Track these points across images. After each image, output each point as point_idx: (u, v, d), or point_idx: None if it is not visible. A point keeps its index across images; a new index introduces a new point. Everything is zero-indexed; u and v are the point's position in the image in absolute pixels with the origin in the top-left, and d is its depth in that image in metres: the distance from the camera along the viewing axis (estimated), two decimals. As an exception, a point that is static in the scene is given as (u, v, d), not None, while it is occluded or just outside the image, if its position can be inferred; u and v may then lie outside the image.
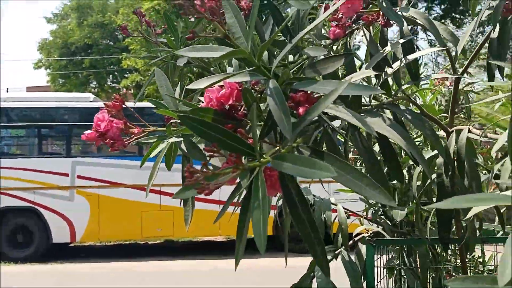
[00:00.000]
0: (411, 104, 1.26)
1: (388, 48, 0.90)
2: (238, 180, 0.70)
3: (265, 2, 0.91)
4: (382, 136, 0.85)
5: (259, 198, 0.61)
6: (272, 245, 6.69)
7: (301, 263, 1.69)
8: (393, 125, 0.89)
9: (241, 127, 0.80)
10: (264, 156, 0.67)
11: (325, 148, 0.87)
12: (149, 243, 9.82)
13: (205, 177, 0.57)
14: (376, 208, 1.97)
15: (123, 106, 0.83)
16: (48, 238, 8.33)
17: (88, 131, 0.79)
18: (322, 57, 0.84)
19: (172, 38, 1.09)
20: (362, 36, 0.95)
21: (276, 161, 0.64)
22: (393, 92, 1.13)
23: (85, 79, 18.53)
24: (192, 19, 1.16)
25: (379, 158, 1.06)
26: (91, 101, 8.39)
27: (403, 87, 1.10)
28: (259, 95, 0.84)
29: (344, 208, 1.89)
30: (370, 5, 1.00)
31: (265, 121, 0.75)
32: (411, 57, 0.96)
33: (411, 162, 1.80)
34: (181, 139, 0.82)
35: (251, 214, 0.62)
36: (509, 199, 0.54)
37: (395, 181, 1.90)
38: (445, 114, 1.77)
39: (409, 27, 1.06)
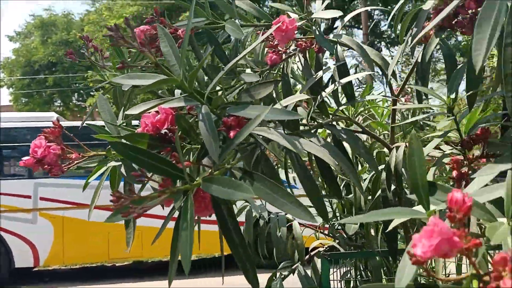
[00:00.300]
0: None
1: (320, 73, 0.96)
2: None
3: (203, 30, 0.95)
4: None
5: (187, 219, 0.64)
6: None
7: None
8: (326, 145, 0.95)
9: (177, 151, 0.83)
10: (196, 179, 0.71)
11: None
12: (116, 265, 9.56)
13: (132, 201, 0.60)
14: (332, 222, 2.02)
15: (62, 131, 0.85)
16: (10, 263, 7.98)
17: (26, 157, 0.80)
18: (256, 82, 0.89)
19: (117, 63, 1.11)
20: (298, 61, 1.01)
21: (205, 184, 0.68)
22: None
23: (49, 97, 18.10)
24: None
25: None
26: (54, 121, 8.19)
27: (342, 107, 1.17)
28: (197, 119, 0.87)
29: (302, 223, 1.94)
30: (307, 33, 1.06)
31: (201, 145, 0.79)
32: (343, 80, 1.02)
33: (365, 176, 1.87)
34: (121, 162, 0.84)
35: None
36: (422, 213, 0.59)
37: (350, 195, 1.97)
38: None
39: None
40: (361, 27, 13.81)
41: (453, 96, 0.84)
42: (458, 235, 0.42)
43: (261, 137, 0.86)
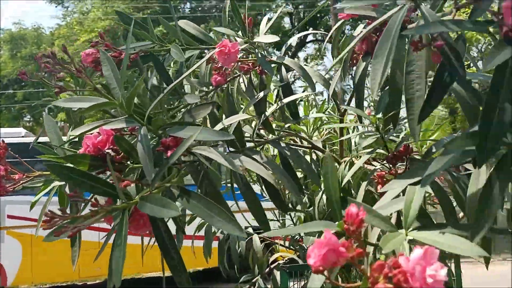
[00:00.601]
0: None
1: (261, 94, 1.02)
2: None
3: (149, 53, 0.99)
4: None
5: (122, 237, 0.68)
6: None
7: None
8: (268, 162, 1.00)
9: (120, 170, 0.87)
10: (135, 197, 0.74)
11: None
12: (88, 283, 9.31)
13: (65, 220, 0.63)
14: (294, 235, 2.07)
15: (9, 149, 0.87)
16: (-25, 285, 7.67)
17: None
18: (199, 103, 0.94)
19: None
20: (242, 82, 1.06)
21: (140, 202, 0.71)
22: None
23: (18, 113, 17.67)
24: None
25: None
26: (22, 136, 8.02)
27: (289, 124, 1.23)
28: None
29: (264, 237, 1.98)
30: (250, 55, 1.12)
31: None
32: (286, 100, 1.08)
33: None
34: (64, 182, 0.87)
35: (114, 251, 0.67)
36: (334, 225, 0.64)
37: (310, 209, 2.02)
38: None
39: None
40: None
41: (379, 115, 0.90)
42: (345, 246, 0.47)
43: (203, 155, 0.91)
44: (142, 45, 0.99)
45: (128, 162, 0.89)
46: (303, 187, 1.89)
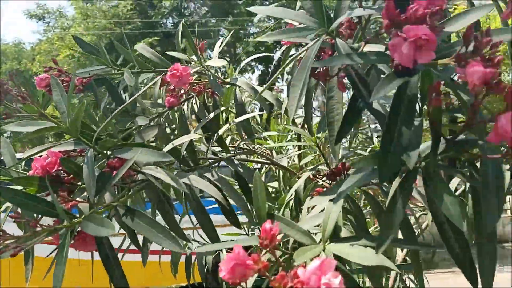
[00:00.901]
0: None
1: (211, 115, 1.07)
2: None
3: (103, 77, 1.04)
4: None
5: (63, 255, 0.71)
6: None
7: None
8: (220, 179, 1.05)
9: (71, 190, 0.90)
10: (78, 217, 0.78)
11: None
12: (67, 302, 9.09)
13: (7, 240, 0.66)
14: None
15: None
16: None
17: None
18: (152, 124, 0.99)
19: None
20: (194, 103, 1.11)
21: (83, 221, 0.75)
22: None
23: (-2, 128, 17.38)
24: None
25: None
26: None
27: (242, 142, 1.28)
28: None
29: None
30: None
31: (92, 184, 0.86)
32: (237, 120, 1.14)
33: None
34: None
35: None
36: (255, 240, 0.69)
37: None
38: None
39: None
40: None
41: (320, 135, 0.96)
42: (254, 259, 0.52)
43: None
44: (96, 69, 1.04)
45: (80, 183, 0.93)
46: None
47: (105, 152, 0.88)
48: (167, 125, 1.17)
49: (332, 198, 0.67)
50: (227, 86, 1.22)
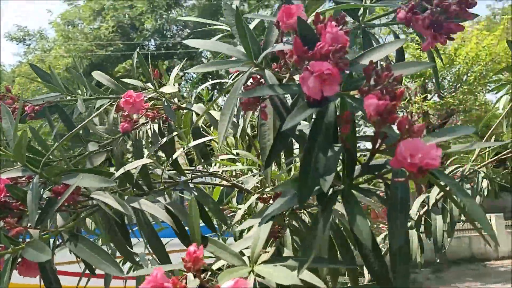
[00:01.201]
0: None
1: (164, 140, 1.10)
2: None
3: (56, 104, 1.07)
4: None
5: (4, 281, 0.73)
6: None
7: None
8: (171, 204, 1.08)
9: (20, 216, 0.92)
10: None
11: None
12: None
13: None
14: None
15: None
16: None
17: None
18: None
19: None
20: (148, 129, 1.14)
21: (25, 248, 0.77)
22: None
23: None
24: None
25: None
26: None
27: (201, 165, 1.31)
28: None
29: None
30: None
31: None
32: (192, 144, 1.17)
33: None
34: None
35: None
36: (180, 264, 0.71)
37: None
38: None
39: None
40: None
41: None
42: (173, 281, 0.55)
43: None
44: (49, 96, 1.07)
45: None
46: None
47: (52, 178, 0.90)
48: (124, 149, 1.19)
49: (259, 221, 0.71)
50: (185, 111, 1.26)
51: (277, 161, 0.99)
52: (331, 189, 0.67)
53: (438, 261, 2.31)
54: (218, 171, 1.46)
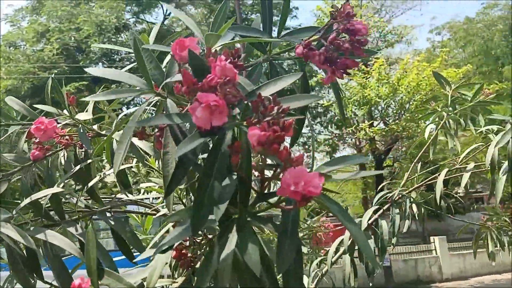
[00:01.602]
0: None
1: (75, 169, 1.07)
2: None
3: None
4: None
5: None
6: None
7: None
8: (82, 234, 1.04)
9: None
10: None
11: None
12: None
13: None
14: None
15: None
16: None
17: None
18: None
19: None
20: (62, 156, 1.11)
21: None
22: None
23: None
24: None
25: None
26: None
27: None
28: None
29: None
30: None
31: None
32: (108, 171, 1.15)
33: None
34: None
35: None
36: None
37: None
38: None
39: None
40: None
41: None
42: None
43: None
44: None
45: None
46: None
47: None
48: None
49: (159, 251, 0.70)
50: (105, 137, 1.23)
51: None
52: (230, 217, 0.68)
53: (371, 285, 2.36)
54: (144, 199, 1.43)
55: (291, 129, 0.61)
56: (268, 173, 0.67)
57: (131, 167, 1.35)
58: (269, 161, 0.66)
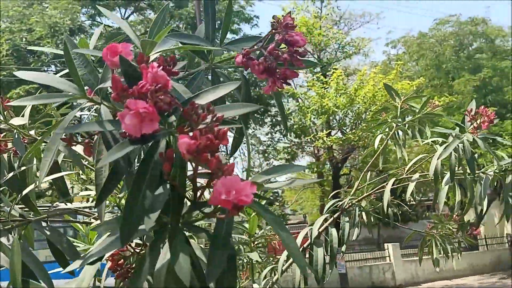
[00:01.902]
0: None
1: (9, 175, 1.02)
2: None
3: None
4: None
5: None
6: None
7: None
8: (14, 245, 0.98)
9: None
10: None
11: None
12: None
13: None
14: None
15: None
16: None
17: None
18: None
19: None
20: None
21: None
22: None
23: None
24: None
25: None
26: None
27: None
28: None
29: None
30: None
31: None
32: (48, 178, 1.10)
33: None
34: None
35: None
36: None
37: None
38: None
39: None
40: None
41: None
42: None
43: None
44: None
45: None
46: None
47: None
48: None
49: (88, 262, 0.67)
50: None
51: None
52: (163, 227, 0.67)
53: (321, 292, 2.38)
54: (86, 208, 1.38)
55: (226, 138, 0.61)
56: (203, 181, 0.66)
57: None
58: (206, 170, 0.65)
